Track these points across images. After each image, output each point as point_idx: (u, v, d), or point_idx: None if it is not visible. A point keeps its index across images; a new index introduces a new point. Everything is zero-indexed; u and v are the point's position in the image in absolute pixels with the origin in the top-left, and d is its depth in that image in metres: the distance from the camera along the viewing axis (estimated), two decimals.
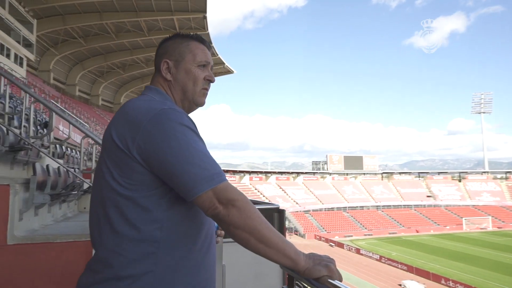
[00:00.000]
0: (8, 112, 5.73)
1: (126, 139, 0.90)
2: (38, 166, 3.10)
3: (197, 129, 0.97)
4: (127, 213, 0.91)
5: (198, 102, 1.13)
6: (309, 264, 0.87)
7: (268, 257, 0.89)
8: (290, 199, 59.32)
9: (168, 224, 0.92)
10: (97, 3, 31.84)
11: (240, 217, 0.88)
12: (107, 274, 0.90)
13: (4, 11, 25.74)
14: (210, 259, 1.04)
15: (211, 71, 1.16)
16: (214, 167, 0.90)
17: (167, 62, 1.10)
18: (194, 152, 0.89)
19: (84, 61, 42.99)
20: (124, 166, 0.90)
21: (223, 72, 54.50)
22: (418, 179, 72.17)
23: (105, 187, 0.92)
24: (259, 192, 57.84)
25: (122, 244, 0.90)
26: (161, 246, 0.91)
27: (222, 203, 0.88)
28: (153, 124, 0.90)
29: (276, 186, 62.58)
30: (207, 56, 1.13)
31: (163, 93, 1.09)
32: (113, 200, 0.91)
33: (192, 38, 1.14)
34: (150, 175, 0.90)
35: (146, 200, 0.91)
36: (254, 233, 0.88)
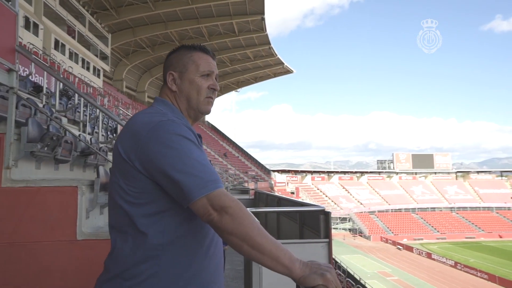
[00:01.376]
0: (82, 120, 6.36)
1: (129, 151, 0.98)
2: (102, 169, 3.41)
3: (196, 139, 1.02)
4: (133, 218, 0.98)
5: (203, 110, 1.17)
6: (304, 272, 0.86)
7: (262, 264, 0.89)
8: (354, 200, 57.38)
9: (171, 229, 0.98)
10: (162, 14, 33.88)
11: (232, 224, 0.89)
12: (114, 273, 0.98)
13: (85, 29, 28.67)
14: (215, 264, 1.06)
15: (216, 80, 1.20)
16: (209, 174, 0.93)
17: (172, 73, 1.16)
18: (188, 161, 0.93)
19: (152, 69, 46.05)
20: (129, 176, 0.98)
21: (282, 72, 54.55)
22: (501, 178, 65.16)
23: (116, 195, 1.00)
24: (321, 192, 56.83)
25: (129, 246, 0.98)
26: (164, 250, 0.96)
27: (216, 209, 0.90)
28: (151, 135, 0.96)
29: (339, 186, 61.01)
30: (210, 65, 1.17)
31: (169, 103, 1.15)
32: (122, 206, 0.99)
33: (196, 49, 1.18)
34: (152, 183, 0.96)
35: (150, 206, 0.97)
36: (246, 240, 0.88)
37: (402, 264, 32.95)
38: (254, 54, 46.76)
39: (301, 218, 3.99)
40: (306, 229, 3.77)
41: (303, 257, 3.12)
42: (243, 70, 52.06)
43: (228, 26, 38.03)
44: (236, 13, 35.96)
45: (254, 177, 44.05)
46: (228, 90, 60.03)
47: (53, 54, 22.84)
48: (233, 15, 35.95)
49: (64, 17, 25.54)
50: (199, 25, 36.43)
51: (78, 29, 27.60)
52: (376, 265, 32.83)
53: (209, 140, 49.31)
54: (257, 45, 44.07)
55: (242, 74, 53.02)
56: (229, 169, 39.69)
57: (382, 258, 35.78)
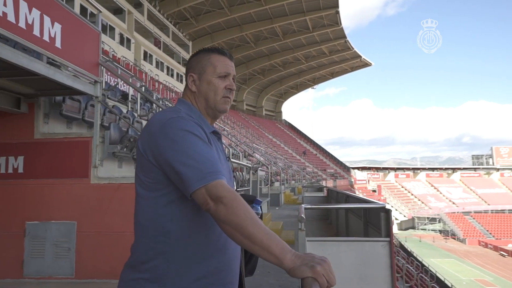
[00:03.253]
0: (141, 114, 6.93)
1: (145, 146, 1.10)
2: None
3: (204, 134, 1.09)
4: (146, 207, 1.10)
5: (220, 109, 1.24)
6: (295, 263, 0.85)
7: (255, 254, 0.91)
8: (444, 199, 52.46)
9: (179, 217, 1.06)
10: (238, 18, 35.08)
11: (226, 213, 0.94)
12: (132, 258, 1.10)
13: (168, 39, 31.13)
14: (228, 256, 1.11)
15: (233, 81, 1.26)
16: (209, 166, 1.00)
17: (192, 75, 1.25)
18: (191, 154, 1.01)
19: None
20: (145, 168, 1.10)
21: (360, 65, 52.35)
22: None
23: (137, 186, 1.13)
24: (406, 190, 53.11)
25: (142, 233, 1.09)
26: (172, 237, 1.05)
27: (213, 199, 0.96)
28: (160, 131, 1.07)
29: (426, 184, 56.32)
30: (227, 67, 1.23)
31: (189, 103, 1.24)
32: (139, 196, 1.12)
33: (213, 52, 1.25)
34: (163, 174, 1.06)
35: (162, 195, 1.07)
36: (238, 229, 0.92)
37: (507, 273, 29.08)
38: (330, 49, 45.66)
39: (365, 216, 3.85)
40: (370, 227, 3.63)
41: (361, 257, 3.00)
42: (318, 67, 51.20)
43: (302, 23, 37.77)
44: (310, 9, 35.53)
45: (333, 174, 43.07)
46: (304, 87, 59.60)
47: (143, 65, 25.27)
48: (306, 11, 35.60)
49: (151, 30, 28.04)
50: (273, 25, 36.84)
51: (163, 39, 30.05)
52: (473, 272, 29.53)
53: (286, 139, 49.59)
54: (332, 40, 42.95)
55: (317, 70, 52.18)
56: (307, 167, 39.45)
57: (481, 264, 32.04)
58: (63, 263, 3.72)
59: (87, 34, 3.66)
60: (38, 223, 3.77)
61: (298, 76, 53.63)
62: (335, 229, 7.00)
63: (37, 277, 3.76)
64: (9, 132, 3.94)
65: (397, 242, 30.73)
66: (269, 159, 18.86)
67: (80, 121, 4.43)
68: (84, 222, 3.73)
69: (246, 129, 36.43)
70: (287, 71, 50.82)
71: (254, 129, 41.29)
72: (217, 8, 32.78)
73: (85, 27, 3.62)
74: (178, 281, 1.04)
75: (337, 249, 2.83)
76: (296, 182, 20.95)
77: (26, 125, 3.91)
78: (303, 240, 2.24)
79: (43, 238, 3.75)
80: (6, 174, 3.93)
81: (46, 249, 3.75)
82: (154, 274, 1.05)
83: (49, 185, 3.79)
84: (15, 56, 2.82)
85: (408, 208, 47.84)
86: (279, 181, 13.72)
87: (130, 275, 1.08)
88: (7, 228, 3.85)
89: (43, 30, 2.99)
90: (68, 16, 3.35)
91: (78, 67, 3.43)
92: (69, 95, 3.99)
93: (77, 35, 3.48)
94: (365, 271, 2.79)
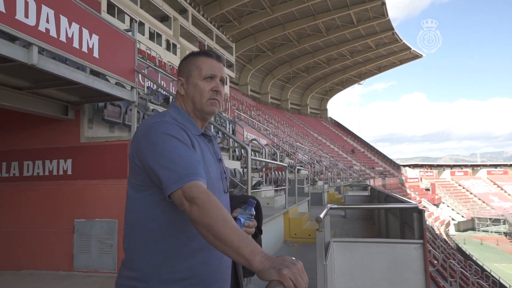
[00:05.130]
0: None
1: (132, 150, 1.15)
2: None
3: (184, 137, 1.12)
4: (133, 206, 1.15)
5: (207, 111, 1.25)
6: (264, 266, 0.83)
7: (226, 254, 0.91)
8: (509, 198, 48.22)
9: (162, 217, 1.10)
10: (280, 17, 35.03)
11: (198, 214, 0.95)
12: (126, 257, 1.16)
13: (212, 42, 31.90)
14: (212, 253, 1.11)
15: (222, 82, 1.27)
16: (187, 168, 1.02)
17: (180, 79, 1.28)
18: (171, 156, 1.05)
19: (273, 71, 48.02)
20: (134, 171, 1.15)
21: (409, 58, 49.86)
22: None
23: (128, 187, 1.18)
24: (464, 189, 49.62)
25: (129, 232, 1.15)
26: (155, 236, 1.10)
27: (188, 200, 0.98)
28: (144, 135, 1.12)
29: (488, 182, 52.17)
30: (213, 69, 1.24)
31: (178, 107, 1.27)
32: (128, 196, 1.18)
33: (200, 55, 1.27)
34: (149, 177, 1.10)
35: (147, 196, 1.12)
36: (210, 230, 0.93)
37: None
38: (376, 42, 43.99)
39: (401, 216, 3.67)
40: (406, 228, 3.45)
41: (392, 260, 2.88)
42: (364, 61, 49.54)
43: (346, 17, 36.79)
44: (354, 2, 34.51)
45: (382, 173, 41.46)
46: (350, 83, 57.98)
47: None
48: (350, 5, 34.62)
49: (196, 34, 28.92)
50: (316, 21, 36.29)
51: (207, 43, 30.85)
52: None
53: (332, 137, 48.60)
54: (379, 33, 41.34)
55: (364, 65, 50.52)
56: (354, 165, 38.35)
57: None
58: (107, 258, 3.98)
59: (123, 42, 3.88)
60: (85, 221, 4.08)
61: (343, 72, 52.29)
62: (377, 229, 6.75)
63: (85, 271, 4.06)
64: (59, 137, 4.30)
65: (454, 244, 28.84)
66: (313, 158, 18.63)
67: (121, 125, 4.70)
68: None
69: (290, 128, 36.26)
70: (331, 68, 49.78)
71: (299, 128, 40.97)
72: (259, 8, 32.99)
73: (121, 36, 3.84)
74: (163, 279, 1.08)
75: (366, 251, 2.75)
76: (342, 181, 20.47)
77: (73, 130, 4.24)
78: (321, 241, 2.20)
79: (89, 235, 4.04)
80: (57, 176, 4.30)
81: (92, 245, 4.04)
82: (140, 272, 1.10)
83: (93, 186, 4.07)
84: (57, 68, 3.07)
85: (466, 208, 44.60)
86: (322, 180, 13.49)
87: (122, 273, 1.14)
88: (59, 225, 4.20)
89: (81, 42, 3.23)
90: (105, 27, 3.57)
91: (115, 74, 3.65)
92: (109, 101, 4.26)
93: (113, 45, 3.70)
94: (396, 275, 2.68)
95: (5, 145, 4.53)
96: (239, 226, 1.21)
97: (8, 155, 4.50)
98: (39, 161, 4.37)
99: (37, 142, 4.40)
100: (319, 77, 52.92)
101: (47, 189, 4.30)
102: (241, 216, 1.22)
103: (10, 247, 4.35)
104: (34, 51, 2.77)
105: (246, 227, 1.22)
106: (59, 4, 3.02)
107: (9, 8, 2.59)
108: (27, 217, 4.33)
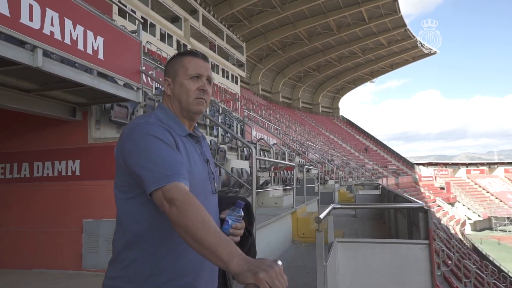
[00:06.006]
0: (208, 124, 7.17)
1: (117, 151, 1.15)
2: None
3: (168, 138, 1.11)
4: (120, 208, 1.15)
5: (194, 111, 1.24)
6: (242, 268, 0.81)
7: (204, 257, 0.90)
8: None
9: (146, 219, 1.09)
10: (290, 15, 34.89)
11: (177, 216, 0.94)
12: (112, 257, 1.16)
13: (223, 42, 31.97)
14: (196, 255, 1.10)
15: (209, 81, 1.26)
16: (167, 169, 1.02)
17: (167, 79, 1.27)
18: (152, 157, 1.04)
19: (284, 70, 47.88)
20: (119, 172, 1.15)
21: (422, 55, 49.06)
22: None
23: (114, 188, 1.18)
24: (480, 188, 48.54)
25: (117, 234, 1.15)
26: (141, 237, 1.09)
27: (168, 201, 0.97)
28: (127, 136, 1.12)
29: (506, 181, 50.94)
30: (199, 68, 1.23)
31: (164, 107, 1.26)
32: (115, 197, 1.18)
33: (186, 54, 1.26)
34: (132, 177, 1.10)
35: (131, 197, 1.11)
36: (188, 231, 0.92)
37: None
38: (388, 39, 43.40)
39: (409, 216, 3.60)
40: (414, 229, 3.39)
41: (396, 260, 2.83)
42: (376, 59, 48.95)
43: (357, 14, 36.41)
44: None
45: (395, 171, 40.91)
46: (362, 81, 57.37)
47: None
48: (361, 2, 34.26)
49: (206, 34, 29.03)
50: (327, 19, 36.02)
51: (217, 43, 30.94)
52: None
53: (344, 135, 48.20)
54: (391, 30, 40.78)
55: (376, 63, 49.91)
56: (366, 164, 37.95)
57: None
58: None
59: (128, 44, 3.91)
60: (93, 221, 4.13)
61: (355, 70, 51.78)
62: (387, 229, 6.66)
63: (93, 270, 4.11)
64: (67, 138, 4.36)
65: (470, 244, 28.23)
66: (324, 157, 18.50)
67: None
68: None
69: (302, 127, 36.09)
70: (343, 66, 49.36)
71: (310, 127, 40.75)
72: (269, 7, 32.92)
73: (126, 38, 3.87)
74: (148, 280, 1.08)
75: (370, 251, 2.70)
76: (354, 180, 20.27)
77: (81, 131, 4.30)
78: (320, 242, 2.17)
79: (97, 235, 4.09)
80: (66, 176, 4.36)
81: (100, 244, 4.09)
82: (125, 272, 1.10)
83: (100, 186, 4.12)
84: (63, 70, 3.11)
85: (483, 207, 43.65)
86: (333, 179, 13.38)
87: (109, 273, 1.14)
88: (68, 225, 4.26)
89: (86, 44, 3.27)
90: (110, 29, 3.61)
91: (120, 75, 3.69)
92: (116, 102, 4.30)
93: (118, 46, 3.73)
94: (401, 276, 2.62)
95: (16, 146, 4.63)
96: (227, 228, 1.20)
97: (19, 156, 4.59)
98: (48, 162, 4.44)
99: (46, 143, 4.48)
100: (331, 75, 52.53)
101: (56, 189, 4.37)
102: (229, 218, 1.20)
103: (22, 246, 4.44)
104: (39, 54, 2.81)
105: (234, 228, 1.20)
106: (63, 7, 3.06)
107: (13, 12, 2.63)
108: (38, 217, 4.41)
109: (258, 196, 5.84)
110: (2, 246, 4.52)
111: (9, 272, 4.33)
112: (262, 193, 5.81)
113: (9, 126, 4.66)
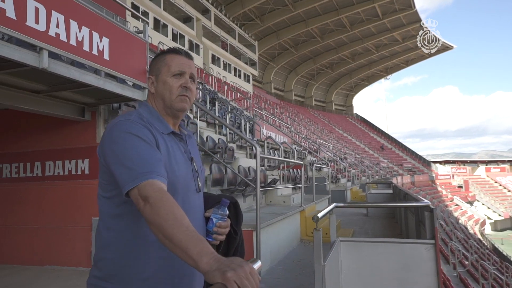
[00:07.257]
0: (217, 123, 7.19)
1: (99, 150, 1.16)
2: (215, 166, 3.85)
3: (147, 136, 1.10)
4: (100, 206, 1.16)
5: (177, 108, 1.23)
6: (211, 267, 0.79)
7: (177, 255, 0.88)
8: None
9: (125, 217, 1.10)
10: (302, 13, 34.69)
11: (150, 213, 0.93)
12: (94, 255, 1.17)
13: (235, 41, 32.04)
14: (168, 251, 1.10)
15: (192, 79, 1.25)
16: (144, 167, 1.01)
17: (150, 78, 1.27)
18: (129, 155, 1.04)
19: (297, 68, 47.64)
20: (101, 170, 1.16)
21: (439, 50, 47.87)
22: None
23: (99, 187, 1.19)
24: (501, 186, 47.27)
25: (97, 233, 1.16)
26: (119, 236, 1.09)
27: (143, 199, 0.97)
28: (108, 134, 1.12)
29: None
30: (182, 65, 1.23)
31: (148, 105, 1.26)
32: (97, 196, 1.18)
33: (169, 52, 1.26)
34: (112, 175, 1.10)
35: (112, 196, 1.12)
36: (160, 229, 0.91)
37: None
38: (403, 35, 42.70)
39: (417, 215, 3.52)
40: (422, 228, 3.32)
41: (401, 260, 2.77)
42: (391, 55, 48.21)
43: (370, 10, 35.93)
44: None
45: (411, 169, 40.22)
46: (377, 78, 56.59)
47: (211, 68, 26.40)
48: None
49: (218, 34, 29.13)
50: (339, 16, 35.67)
51: (229, 42, 31.02)
52: None
53: (358, 133, 47.65)
54: (406, 25, 40.12)
55: (390, 59, 49.16)
56: (381, 162, 37.44)
57: None
58: None
59: (134, 44, 3.95)
60: None
61: (369, 67, 51.11)
62: (399, 228, 6.55)
63: None
64: (77, 138, 4.45)
65: (490, 244, 27.51)
66: (336, 155, 18.33)
67: None
68: None
69: (314, 125, 35.86)
70: (356, 63, 48.80)
71: (323, 125, 40.46)
72: (281, 5, 32.81)
73: (132, 38, 3.91)
74: (126, 279, 1.08)
75: (374, 251, 2.66)
76: (367, 178, 20.04)
77: (89, 131, 4.38)
78: (318, 241, 2.15)
79: None
80: (76, 175, 4.45)
81: None
82: (105, 272, 1.10)
83: None
84: (68, 71, 3.17)
85: (504, 206, 42.46)
86: (345, 177, 13.25)
87: (91, 272, 1.15)
88: (78, 223, 4.35)
89: (92, 45, 3.31)
90: (115, 30, 3.65)
91: (126, 75, 3.73)
92: (123, 102, 4.36)
93: (124, 47, 3.77)
94: (406, 276, 2.57)
95: (28, 146, 4.74)
96: (211, 226, 1.19)
97: (31, 156, 4.71)
98: (59, 161, 4.54)
99: (57, 143, 4.57)
100: (344, 73, 52.01)
101: (67, 188, 4.46)
102: (213, 216, 1.20)
103: (35, 243, 4.55)
104: (44, 55, 2.87)
105: (218, 227, 1.19)
106: (69, 9, 3.11)
107: (19, 14, 2.69)
108: (50, 215, 4.51)
109: (267, 195, 5.82)
110: (17, 243, 4.65)
111: (24, 268, 4.45)
112: (270, 192, 5.79)
113: (22, 126, 4.78)
